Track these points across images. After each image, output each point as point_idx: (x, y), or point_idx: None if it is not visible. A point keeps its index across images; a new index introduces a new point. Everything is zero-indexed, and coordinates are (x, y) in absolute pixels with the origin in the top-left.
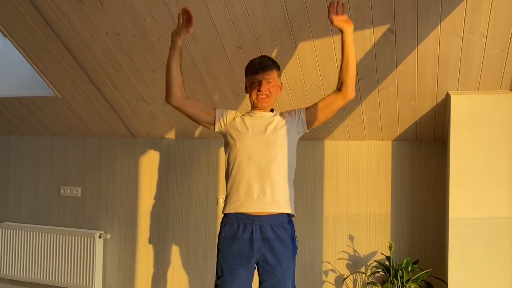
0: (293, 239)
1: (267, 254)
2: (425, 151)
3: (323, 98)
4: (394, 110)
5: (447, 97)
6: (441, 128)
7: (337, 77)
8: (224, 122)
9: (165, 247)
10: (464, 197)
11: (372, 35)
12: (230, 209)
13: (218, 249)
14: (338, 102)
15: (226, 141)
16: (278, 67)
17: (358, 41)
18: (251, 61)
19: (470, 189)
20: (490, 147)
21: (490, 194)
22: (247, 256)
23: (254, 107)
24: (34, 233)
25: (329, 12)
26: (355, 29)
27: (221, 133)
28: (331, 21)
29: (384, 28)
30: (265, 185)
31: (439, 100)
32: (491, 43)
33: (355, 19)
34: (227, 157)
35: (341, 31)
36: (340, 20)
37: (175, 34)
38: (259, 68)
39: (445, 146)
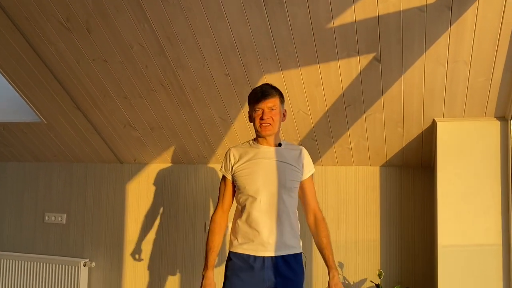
0: (303, 270)
1: (278, 284)
2: (412, 177)
3: (306, 190)
4: (381, 136)
5: (433, 124)
6: (428, 154)
7: (324, 105)
8: (231, 173)
9: (152, 276)
10: (452, 224)
11: (358, 63)
12: (238, 250)
13: (226, 276)
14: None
15: (236, 185)
16: (281, 94)
17: (344, 69)
18: (253, 89)
19: (458, 216)
20: (476, 173)
21: (478, 221)
22: (257, 285)
23: (258, 135)
24: (17, 261)
25: None
26: (341, 58)
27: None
28: None
29: (370, 56)
30: (274, 227)
31: (425, 127)
32: (475, 72)
33: (341, 47)
34: (237, 196)
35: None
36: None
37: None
38: (261, 97)
39: (433, 172)
